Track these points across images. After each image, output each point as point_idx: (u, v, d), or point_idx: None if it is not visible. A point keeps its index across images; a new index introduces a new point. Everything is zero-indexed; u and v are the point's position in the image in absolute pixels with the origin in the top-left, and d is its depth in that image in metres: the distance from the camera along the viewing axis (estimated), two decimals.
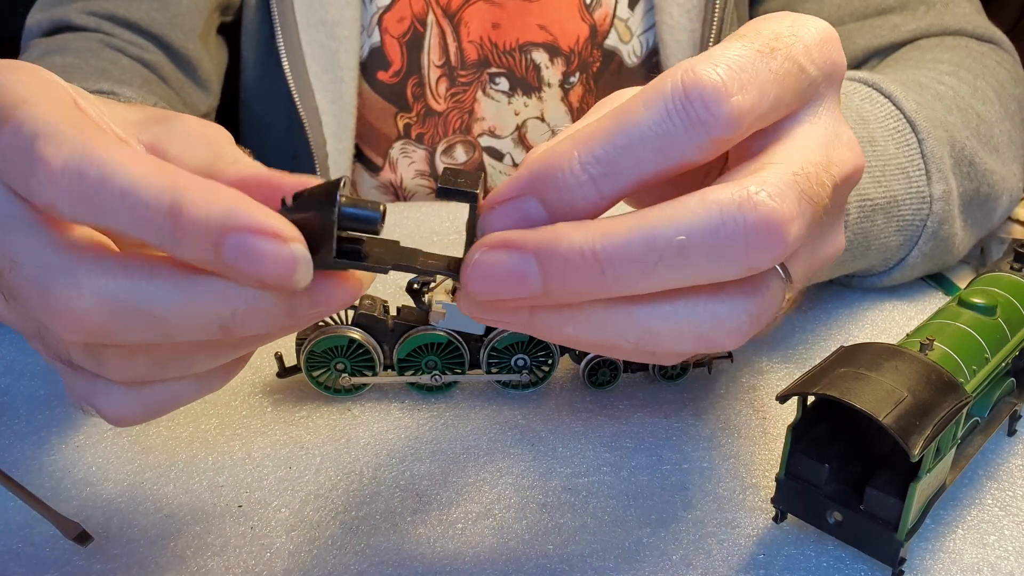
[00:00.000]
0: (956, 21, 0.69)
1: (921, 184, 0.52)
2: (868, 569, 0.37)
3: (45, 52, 0.66)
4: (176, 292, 0.26)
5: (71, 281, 0.26)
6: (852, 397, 0.34)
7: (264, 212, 0.26)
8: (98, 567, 0.37)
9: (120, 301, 0.26)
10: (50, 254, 0.27)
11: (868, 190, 0.49)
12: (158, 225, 0.25)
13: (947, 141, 0.54)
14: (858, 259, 0.52)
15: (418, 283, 0.45)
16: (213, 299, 0.26)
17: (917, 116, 0.52)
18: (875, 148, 0.50)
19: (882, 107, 0.52)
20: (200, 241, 0.25)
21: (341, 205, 0.27)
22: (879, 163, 0.50)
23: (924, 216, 0.52)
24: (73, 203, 0.26)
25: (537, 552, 0.38)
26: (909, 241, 0.53)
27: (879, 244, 0.52)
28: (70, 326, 0.26)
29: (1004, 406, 0.44)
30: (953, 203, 0.54)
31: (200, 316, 0.27)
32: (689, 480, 0.42)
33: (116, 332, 0.27)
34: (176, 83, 0.71)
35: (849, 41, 0.71)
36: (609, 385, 0.48)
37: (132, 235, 0.26)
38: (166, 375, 0.29)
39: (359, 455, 0.44)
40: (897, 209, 0.51)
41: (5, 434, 0.45)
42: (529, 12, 0.75)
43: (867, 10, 0.72)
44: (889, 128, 0.52)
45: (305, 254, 0.26)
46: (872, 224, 0.50)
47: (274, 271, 0.26)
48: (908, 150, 0.51)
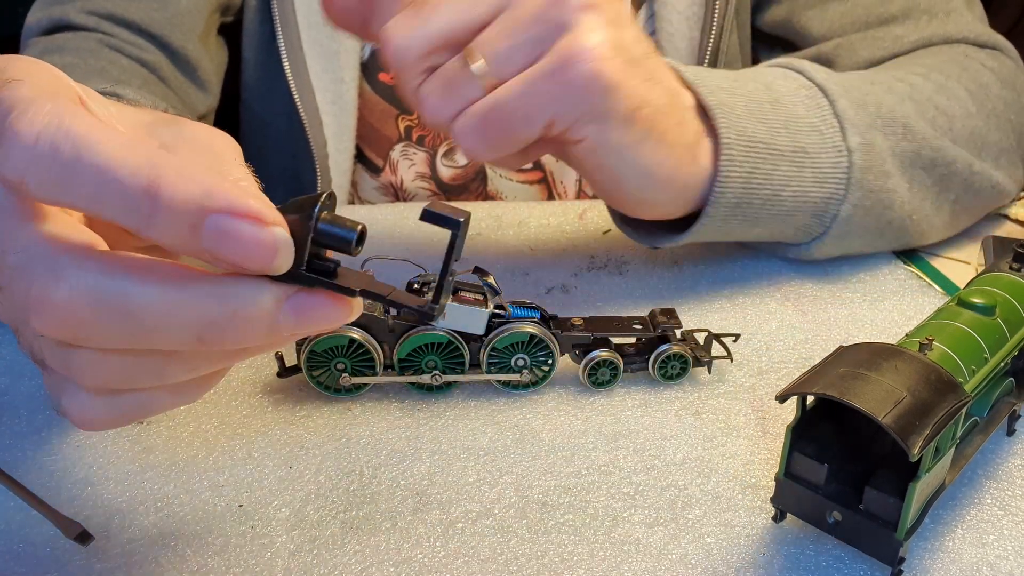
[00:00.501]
0: (958, 30, 0.69)
1: (837, 139, 0.55)
2: (867, 569, 0.37)
3: (44, 51, 0.66)
4: (156, 294, 0.25)
5: (51, 271, 0.25)
6: (851, 397, 0.34)
7: (244, 193, 0.25)
8: (98, 567, 0.37)
9: (98, 297, 0.25)
10: (34, 242, 0.26)
11: (761, 135, 0.53)
12: (133, 205, 0.24)
13: (867, 103, 0.57)
14: (771, 205, 0.55)
15: (418, 283, 0.45)
16: (193, 307, 0.25)
17: (827, 83, 0.57)
18: (777, 107, 0.55)
19: (795, 80, 0.57)
20: (177, 222, 0.24)
21: (318, 220, 0.26)
22: (780, 118, 0.54)
23: (846, 167, 0.56)
24: (45, 179, 0.25)
25: (537, 552, 0.38)
26: (838, 194, 0.56)
27: (792, 192, 0.55)
28: (46, 318, 0.26)
29: (1003, 406, 0.44)
30: (877, 155, 0.57)
31: (178, 322, 0.26)
32: (689, 480, 0.42)
33: (91, 328, 0.26)
34: (175, 83, 0.71)
35: (852, 53, 0.71)
36: (609, 385, 0.48)
37: (105, 215, 0.25)
38: (136, 384, 0.28)
39: (359, 455, 0.44)
40: (811, 161, 0.55)
41: (5, 434, 0.45)
42: None
43: (870, 19, 0.72)
44: (801, 96, 0.56)
45: (287, 238, 0.25)
46: (775, 168, 0.54)
47: (254, 254, 0.25)
48: (820, 111, 0.56)
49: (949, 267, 0.62)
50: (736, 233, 0.57)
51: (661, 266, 0.61)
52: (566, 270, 0.60)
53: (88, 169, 0.24)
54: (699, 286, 0.59)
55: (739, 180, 0.53)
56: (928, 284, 0.60)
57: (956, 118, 0.61)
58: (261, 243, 0.25)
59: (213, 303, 0.25)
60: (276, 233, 0.25)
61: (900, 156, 0.58)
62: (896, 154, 0.58)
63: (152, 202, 0.24)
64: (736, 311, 0.56)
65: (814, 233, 0.58)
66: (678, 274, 0.60)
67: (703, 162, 0.52)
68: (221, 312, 0.25)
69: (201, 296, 0.26)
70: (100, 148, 0.24)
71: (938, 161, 0.60)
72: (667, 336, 0.48)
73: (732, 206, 0.54)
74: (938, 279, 0.60)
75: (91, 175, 0.24)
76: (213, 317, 0.25)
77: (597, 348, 0.48)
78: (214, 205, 0.24)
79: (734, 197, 0.53)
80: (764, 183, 0.54)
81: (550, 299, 0.57)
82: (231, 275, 0.26)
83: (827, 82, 0.57)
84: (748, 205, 0.54)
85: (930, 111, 0.60)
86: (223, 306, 0.25)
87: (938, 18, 0.70)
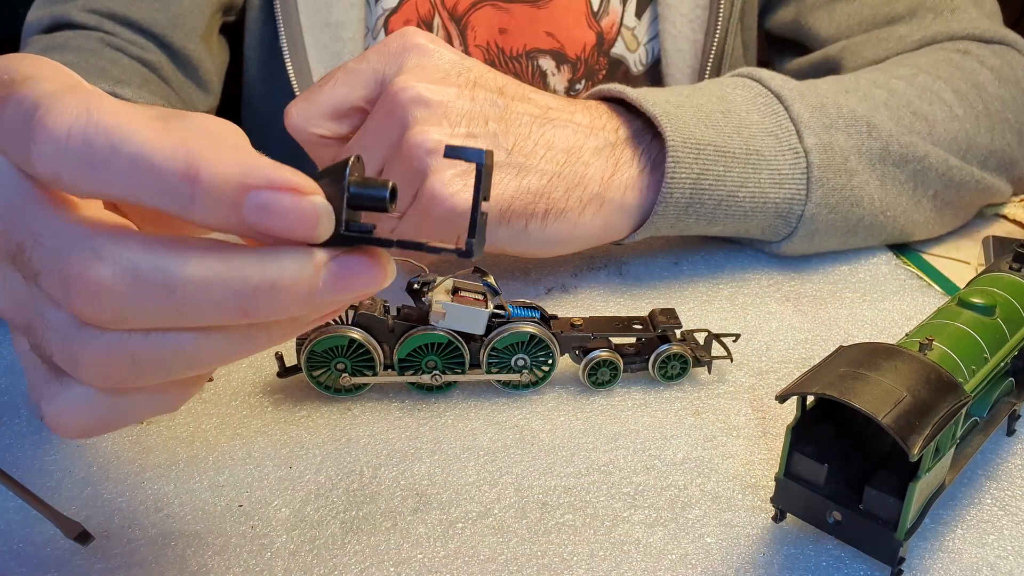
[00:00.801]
0: (962, 27, 0.69)
1: (793, 141, 0.57)
2: (867, 569, 0.37)
3: (44, 49, 0.66)
4: (198, 267, 0.26)
5: (92, 252, 0.26)
6: (851, 397, 0.34)
7: (280, 167, 0.25)
8: (99, 567, 0.37)
9: (141, 272, 0.25)
10: (70, 226, 0.26)
11: (711, 138, 0.55)
12: (174, 189, 0.25)
13: (826, 105, 0.59)
14: (727, 206, 0.56)
15: (418, 283, 0.45)
16: (234, 277, 0.26)
17: (783, 89, 0.59)
18: (729, 116, 0.57)
19: (751, 89, 0.59)
20: (220, 202, 0.25)
21: (350, 182, 0.27)
22: (733, 124, 0.56)
23: (804, 168, 0.57)
24: (81, 172, 0.25)
25: (537, 552, 0.38)
26: (799, 195, 0.57)
27: (749, 193, 0.56)
28: (90, 298, 0.26)
29: (1003, 406, 0.44)
30: (838, 154, 0.58)
31: (220, 293, 0.26)
32: (689, 480, 0.42)
33: (135, 305, 0.26)
34: (176, 83, 0.71)
35: (857, 55, 0.71)
36: (609, 385, 0.48)
37: (145, 202, 0.25)
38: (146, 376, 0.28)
39: (359, 455, 0.44)
40: (767, 163, 0.57)
41: (6, 434, 0.45)
42: (536, 18, 0.75)
43: (876, 19, 0.72)
44: (757, 103, 0.58)
45: (326, 205, 0.26)
46: (727, 170, 0.55)
47: (297, 224, 0.25)
48: (775, 117, 0.58)
49: (949, 267, 0.62)
50: (694, 229, 0.58)
51: (661, 266, 0.61)
52: (566, 270, 0.60)
53: (124, 159, 0.25)
54: (699, 286, 0.59)
55: (687, 181, 0.54)
56: (928, 284, 0.60)
57: (937, 122, 0.62)
58: (303, 212, 0.25)
59: (254, 272, 0.26)
60: (316, 201, 0.26)
61: (867, 154, 0.59)
62: (862, 152, 0.59)
63: (192, 184, 0.25)
64: (736, 311, 0.56)
65: (782, 233, 0.59)
66: (678, 274, 0.60)
67: (627, 196, 0.54)
68: (262, 280, 0.26)
69: (242, 266, 0.26)
70: (134, 136, 0.25)
71: (909, 157, 0.60)
72: (667, 336, 0.48)
73: (683, 207, 0.55)
74: (938, 279, 0.60)
75: (127, 164, 0.25)
76: (254, 285, 0.26)
77: (597, 348, 0.48)
78: (253, 181, 0.25)
79: (683, 198, 0.54)
80: (716, 184, 0.55)
81: (550, 299, 0.57)
82: (268, 247, 0.26)
83: (783, 88, 0.59)
84: (701, 206, 0.55)
85: (906, 117, 0.61)
86: (263, 275, 0.26)
87: (942, 16, 0.70)
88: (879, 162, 0.59)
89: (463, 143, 0.49)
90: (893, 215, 0.61)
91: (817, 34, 0.75)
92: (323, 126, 0.53)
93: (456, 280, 0.47)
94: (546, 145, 0.52)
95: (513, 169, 0.51)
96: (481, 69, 0.52)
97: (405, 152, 0.49)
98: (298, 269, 0.26)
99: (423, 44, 0.51)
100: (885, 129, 0.59)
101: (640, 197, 0.54)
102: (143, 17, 0.69)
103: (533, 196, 0.51)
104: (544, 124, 0.53)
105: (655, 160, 0.55)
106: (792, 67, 0.79)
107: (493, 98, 0.51)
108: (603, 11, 0.76)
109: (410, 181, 0.50)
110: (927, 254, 0.64)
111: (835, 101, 0.59)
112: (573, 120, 0.54)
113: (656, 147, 0.55)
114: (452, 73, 0.51)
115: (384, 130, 0.50)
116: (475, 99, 0.51)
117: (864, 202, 0.59)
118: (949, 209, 0.64)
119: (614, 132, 0.55)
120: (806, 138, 0.57)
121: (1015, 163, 0.66)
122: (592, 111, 0.55)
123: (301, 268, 0.26)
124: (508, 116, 0.52)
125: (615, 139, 0.54)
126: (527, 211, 0.51)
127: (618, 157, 0.54)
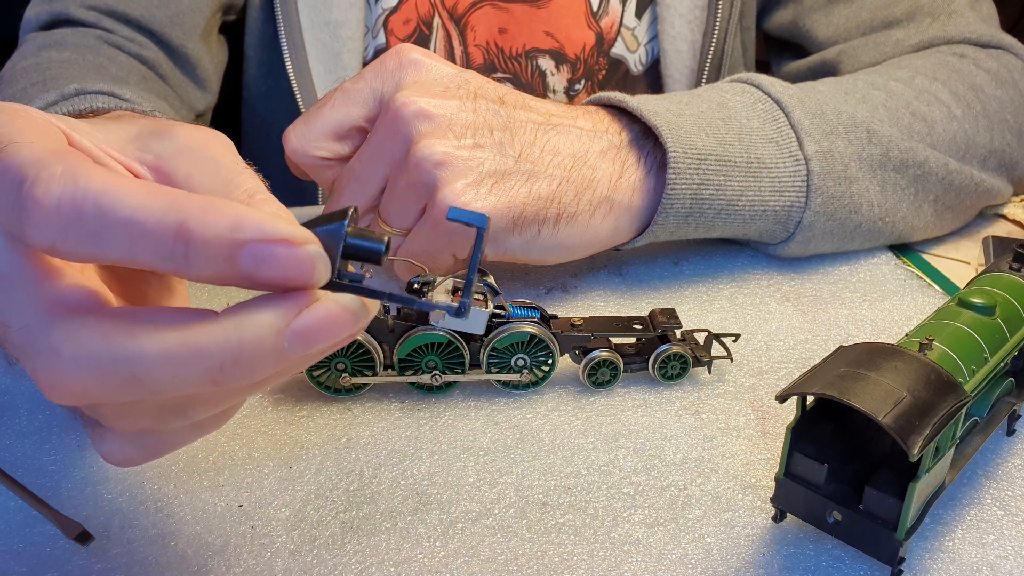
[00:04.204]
0: (959, 31, 0.69)
1: (794, 148, 0.57)
2: (867, 569, 0.37)
3: (43, 46, 0.66)
4: (157, 353, 0.25)
5: (50, 346, 0.26)
6: (851, 397, 0.34)
7: (272, 217, 0.25)
8: (99, 566, 0.37)
9: (99, 366, 0.25)
10: (32, 316, 0.26)
11: (712, 147, 0.55)
12: (167, 250, 0.25)
13: (825, 112, 0.59)
14: (726, 215, 0.56)
15: (418, 283, 0.45)
16: (197, 358, 0.25)
17: (783, 95, 0.58)
18: (729, 123, 0.56)
19: (751, 95, 0.59)
20: (214, 259, 0.25)
21: (347, 235, 0.27)
22: (734, 131, 0.56)
23: (804, 175, 0.57)
24: (75, 241, 0.25)
25: (537, 552, 0.38)
26: (799, 202, 0.57)
27: (749, 202, 0.56)
28: (53, 392, 0.26)
29: (1003, 406, 0.44)
30: (838, 161, 0.58)
31: (185, 375, 0.26)
32: (689, 480, 0.42)
33: (101, 395, 0.26)
34: (174, 81, 0.71)
35: (855, 59, 0.71)
36: (609, 385, 0.48)
37: (142, 265, 0.25)
38: (164, 426, 0.29)
39: (359, 455, 0.44)
40: (768, 171, 0.56)
41: (6, 434, 0.45)
42: (536, 18, 0.75)
43: (874, 23, 0.72)
44: (757, 109, 0.58)
45: (321, 252, 0.26)
46: (728, 179, 0.55)
47: (292, 273, 0.25)
48: (776, 123, 0.57)
49: (949, 267, 0.62)
50: (693, 235, 0.58)
51: (661, 266, 0.61)
52: (566, 270, 0.60)
53: (115, 225, 0.25)
54: (699, 286, 0.59)
55: (687, 192, 0.54)
56: (928, 284, 0.60)
57: (936, 123, 0.62)
58: (298, 262, 0.25)
59: (215, 349, 0.25)
60: (311, 251, 0.26)
61: (867, 160, 0.59)
62: (863, 159, 0.59)
63: (185, 245, 0.25)
64: (736, 311, 0.56)
65: (780, 238, 0.59)
66: (678, 274, 0.60)
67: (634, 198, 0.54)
68: (226, 355, 0.25)
69: (206, 338, 0.25)
70: (123, 201, 0.25)
71: (909, 162, 0.60)
72: (667, 336, 0.48)
73: (682, 216, 0.55)
74: (938, 279, 0.60)
75: (119, 230, 0.25)
76: (220, 361, 0.25)
77: (597, 348, 0.48)
78: (245, 236, 0.25)
79: (684, 208, 0.54)
80: (716, 194, 0.55)
81: (550, 299, 0.57)
82: (230, 313, 0.26)
83: (783, 94, 0.58)
84: (700, 215, 0.56)
85: (905, 118, 0.61)
86: (227, 345, 0.25)
87: (940, 20, 0.70)
88: (879, 168, 0.59)
89: (470, 154, 0.49)
90: (892, 220, 0.61)
91: (815, 36, 0.75)
92: (323, 148, 0.52)
93: (456, 280, 0.47)
94: (552, 151, 0.52)
95: (522, 176, 0.51)
96: (480, 80, 0.52)
97: (412, 166, 0.49)
98: (260, 336, 0.26)
99: (419, 59, 0.51)
100: (885, 134, 0.59)
101: (646, 200, 0.54)
102: (142, 14, 0.69)
103: (545, 201, 0.51)
104: (548, 130, 0.53)
105: (659, 163, 0.55)
106: (790, 70, 0.79)
107: (495, 108, 0.51)
108: (603, 11, 0.76)
109: (417, 195, 0.49)
110: (927, 254, 0.64)
111: (835, 106, 0.59)
112: (576, 125, 0.54)
113: (659, 151, 0.55)
114: (452, 86, 0.51)
115: (387, 147, 0.50)
116: (477, 110, 0.50)
117: (863, 209, 0.59)
118: (950, 213, 0.64)
119: (617, 135, 0.55)
120: (807, 145, 0.57)
121: (1015, 163, 0.66)
122: (593, 116, 0.55)
123: (263, 334, 0.26)
124: (512, 124, 0.51)
125: (619, 142, 0.54)
126: (539, 216, 0.51)
127: (624, 160, 0.54)
